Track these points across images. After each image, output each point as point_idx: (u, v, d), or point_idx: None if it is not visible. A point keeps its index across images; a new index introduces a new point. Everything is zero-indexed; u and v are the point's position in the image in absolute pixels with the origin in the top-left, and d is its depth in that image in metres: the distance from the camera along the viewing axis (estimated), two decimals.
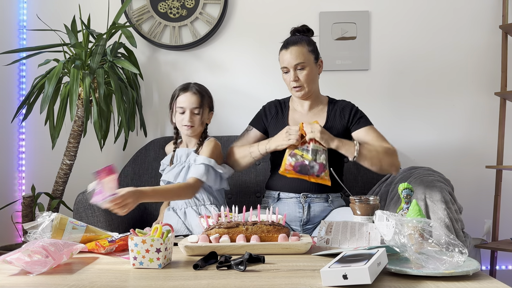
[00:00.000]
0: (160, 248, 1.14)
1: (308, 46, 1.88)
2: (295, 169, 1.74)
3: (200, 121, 1.91)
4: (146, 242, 1.14)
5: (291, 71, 1.87)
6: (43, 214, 1.37)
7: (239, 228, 1.34)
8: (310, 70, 1.88)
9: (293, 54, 1.85)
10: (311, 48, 1.89)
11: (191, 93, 1.90)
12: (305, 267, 1.13)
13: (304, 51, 1.86)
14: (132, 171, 2.42)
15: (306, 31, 1.95)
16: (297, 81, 1.87)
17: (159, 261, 1.14)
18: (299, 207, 1.86)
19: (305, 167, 1.74)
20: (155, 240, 1.14)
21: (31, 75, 2.58)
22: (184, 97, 1.89)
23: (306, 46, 1.87)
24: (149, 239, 1.14)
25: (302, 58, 1.85)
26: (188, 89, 1.91)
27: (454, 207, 1.74)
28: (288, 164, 1.76)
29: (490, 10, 2.55)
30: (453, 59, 2.57)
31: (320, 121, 1.91)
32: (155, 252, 1.14)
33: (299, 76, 1.87)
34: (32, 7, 2.62)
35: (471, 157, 2.55)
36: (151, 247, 1.14)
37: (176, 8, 2.59)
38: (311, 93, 1.92)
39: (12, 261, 1.11)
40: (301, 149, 1.75)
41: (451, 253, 1.04)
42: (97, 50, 2.20)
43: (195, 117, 1.89)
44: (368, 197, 1.45)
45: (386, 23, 2.58)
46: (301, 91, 1.89)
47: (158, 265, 1.15)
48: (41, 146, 2.57)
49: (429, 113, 2.57)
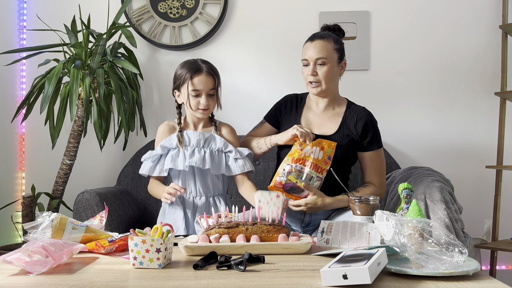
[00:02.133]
0: (160, 248, 1.14)
1: (335, 44, 1.81)
2: (284, 188, 1.73)
3: (215, 102, 1.84)
4: (146, 242, 1.14)
5: (310, 64, 1.79)
6: (43, 214, 1.36)
7: (239, 228, 1.34)
8: (331, 68, 1.79)
9: (317, 47, 1.78)
10: (337, 47, 1.82)
11: (206, 74, 1.79)
12: (305, 267, 1.13)
13: (329, 47, 1.79)
14: (132, 171, 2.42)
15: (337, 30, 1.89)
16: (315, 76, 1.79)
17: (159, 261, 1.14)
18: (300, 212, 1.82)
19: (295, 189, 1.73)
20: (155, 240, 1.13)
21: (31, 75, 2.58)
22: (199, 80, 1.78)
23: (332, 43, 1.80)
24: (149, 239, 1.14)
25: (325, 53, 1.78)
26: (202, 70, 1.80)
27: (454, 207, 1.74)
28: (278, 181, 1.74)
29: (490, 10, 2.55)
30: (453, 59, 2.57)
31: (333, 126, 1.85)
32: (155, 252, 1.14)
33: (318, 72, 1.79)
34: (32, 7, 2.62)
35: (471, 157, 2.55)
36: (151, 247, 1.14)
37: (176, 8, 2.59)
38: (327, 92, 1.84)
39: (12, 261, 1.11)
40: (295, 175, 1.72)
41: (451, 253, 1.04)
42: (97, 50, 2.20)
43: (212, 99, 1.81)
44: (368, 197, 1.45)
45: (386, 23, 2.58)
46: (317, 88, 1.81)
47: (158, 265, 1.14)
48: (41, 146, 2.57)
49: (429, 113, 2.57)
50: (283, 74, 2.59)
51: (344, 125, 1.85)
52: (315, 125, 1.87)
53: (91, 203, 1.99)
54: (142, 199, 2.41)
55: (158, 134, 1.91)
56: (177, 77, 1.84)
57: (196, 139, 1.83)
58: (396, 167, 2.36)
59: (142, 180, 2.40)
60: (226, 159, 1.84)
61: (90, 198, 2.00)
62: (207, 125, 1.90)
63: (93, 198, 2.00)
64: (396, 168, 2.35)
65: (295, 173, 1.72)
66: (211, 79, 1.80)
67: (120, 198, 2.20)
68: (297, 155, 1.74)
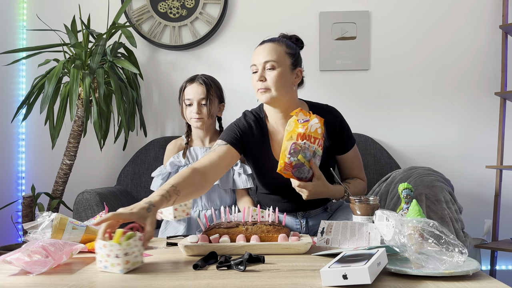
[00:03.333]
0: (118, 254, 1.09)
1: (287, 48, 1.62)
2: (293, 169, 1.51)
3: (209, 112, 1.85)
4: (106, 247, 1.10)
5: (259, 70, 1.59)
6: (43, 214, 1.36)
7: (239, 228, 1.34)
8: (282, 73, 1.58)
9: (265, 50, 1.59)
10: (290, 51, 1.62)
11: (197, 84, 1.85)
12: (305, 267, 1.13)
13: (279, 50, 1.59)
14: (132, 171, 2.43)
15: (295, 39, 1.71)
16: (263, 81, 1.58)
17: (119, 266, 1.09)
18: (296, 223, 1.80)
19: (302, 171, 1.52)
20: (113, 245, 1.09)
21: (31, 75, 2.58)
22: (190, 89, 1.85)
23: (284, 46, 1.62)
24: (109, 244, 1.09)
25: (275, 56, 1.58)
26: (195, 80, 1.87)
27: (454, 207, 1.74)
28: (288, 163, 1.48)
29: (490, 10, 2.55)
30: (453, 59, 2.57)
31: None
32: (115, 257, 1.09)
33: (266, 77, 1.58)
34: (32, 7, 2.62)
35: (471, 157, 2.55)
36: (111, 252, 1.09)
37: (176, 8, 2.59)
38: (278, 99, 1.61)
39: (12, 261, 1.11)
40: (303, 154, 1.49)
41: (451, 253, 1.04)
42: (97, 50, 2.20)
43: (203, 108, 1.84)
44: (368, 197, 1.45)
45: (386, 23, 2.58)
46: (265, 93, 1.59)
47: (119, 270, 1.09)
48: (41, 146, 2.57)
49: (429, 113, 2.57)
50: None
51: None
52: None
53: (91, 203, 1.99)
54: (142, 199, 2.40)
55: (167, 152, 1.99)
56: (179, 90, 1.93)
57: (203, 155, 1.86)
58: (396, 167, 2.36)
59: (142, 180, 2.40)
60: (232, 173, 1.87)
61: (90, 198, 2.00)
62: (214, 139, 1.92)
63: (93, 198, 2.00)
64: (396, 168, 2.35)
65: (303, 152, 1.49)
66: (202, 88, 1.85)
67: (120, 198, 2.20)
68: (302, 130, 1.48)
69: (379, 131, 2.58)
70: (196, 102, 1.84)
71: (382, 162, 2.38)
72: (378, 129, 2.58)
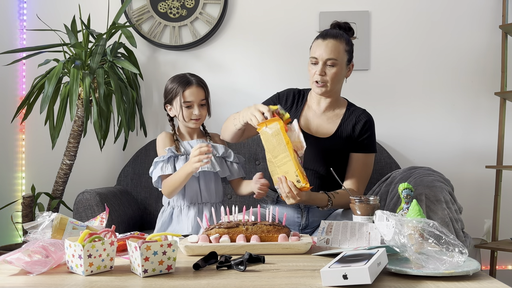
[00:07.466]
0: (81, 254, 1.06)
1: (346, 45, 1.76)
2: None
3: (206, 111, 1.91)
4: (71, 247, 1.08)
5: (319, 63, 1.73)
6: (43, 214, 1.36)
7: (239, 228, 1.34)
8: (340, 70, 1.74)
9: (329, 47, 1.72)
10: (348, 48, 1.77)
11: (196, 86, 1.86)
12: (305, 267, 1.13)
13: (341, 49, 1.73)
14: (132, 171, 2.43)
15: (348, 29, 1.84)
16: (323, 76, 1.73)
17: (82, 267, 1.07)
18: (297, 212, 1.83)
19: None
20: (77, 245, 1.07)
21: (31, 75, 2.58)
22: (190, 92, 1.85)
23: (344, 44, 1.75)
24: (73, 244, 1.07)
25: (337, 54, 1.72)
26: (192, 83, 1.87)
27: (454, 207, 1.73)
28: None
29: (490, 10, 2.55)
30: (453, 59, 2.57)
31: (331, 127, 1.82)
32: (77, 258, 1.07)
33: (326, 72, 1.73)
34: (32, 7, 2.62)
35: (471, 157, 2.55)
36: (75, 252, 1.08)
37: (176, 8, 2.59)
38: (331, 93, 1.79)
39: (12, 261, 1.11)
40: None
41: (451, 253, 1.04)
42: (97, 50, 2.20)
43: (203, 109, 1.88)
44: (368, 197, 1.45)
45: (386, 23, 2.58)
46: (322, 88, 1.75)
47: (82, 272, 1.07)
48: (41, 146, 2.57)
49: (429, 113, 2.57)
50: (283, 74, 2.59)
51: (342, 127, 1.82)
52: (313, 125, 1.84)
53: (91, 203, 1.99)
54: (142, 199, 2.40)
55: (160, 142, 1.91)
56: (168, 92, 1.90)
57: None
58: (396, 167, 2.36)
59: (142, 180, 2.40)
60: (227, 164, 1.90)
61: (90, 198, 2.00)
62: (200, 135, 1.96)
63: (93, 198, 2.00)
64: (396, 168, 2.35)
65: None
66: (201, 90, 1.87)
67: (120, 198, 2.20)
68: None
69: (379, 131, 2.55)
70: (196, 104, 1.86)
71: (382, 162, 2.38)
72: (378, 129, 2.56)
